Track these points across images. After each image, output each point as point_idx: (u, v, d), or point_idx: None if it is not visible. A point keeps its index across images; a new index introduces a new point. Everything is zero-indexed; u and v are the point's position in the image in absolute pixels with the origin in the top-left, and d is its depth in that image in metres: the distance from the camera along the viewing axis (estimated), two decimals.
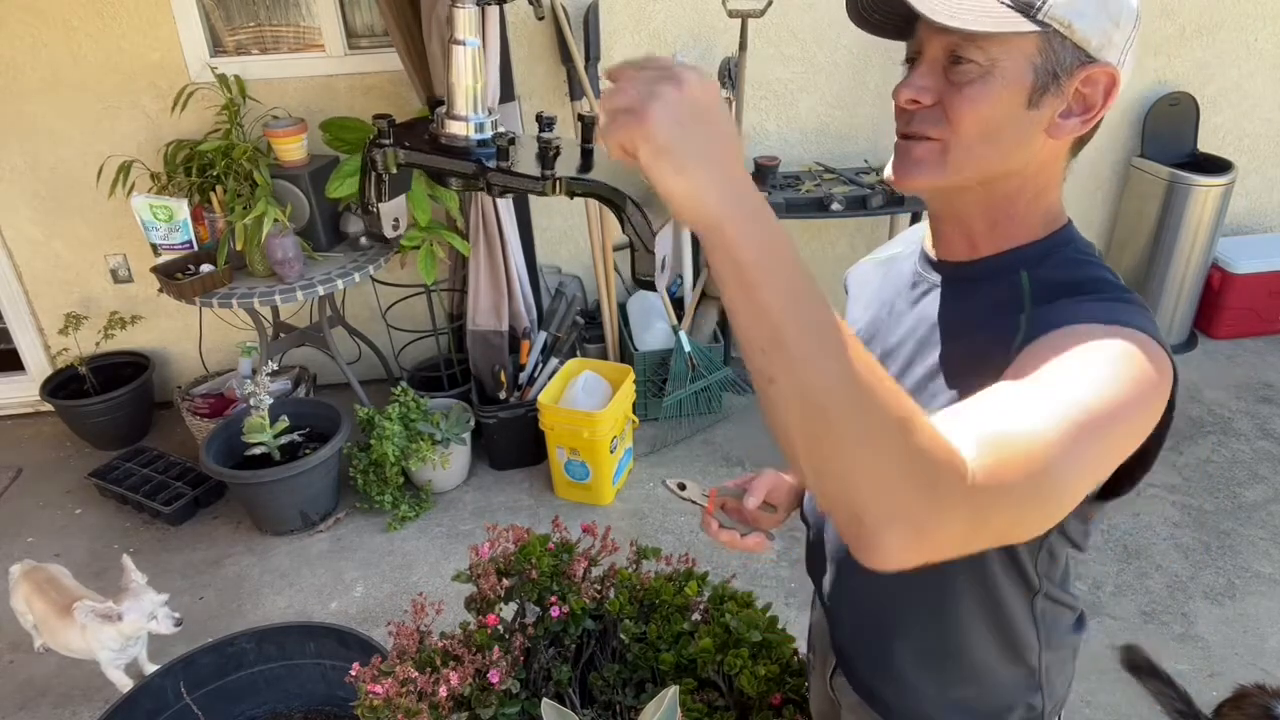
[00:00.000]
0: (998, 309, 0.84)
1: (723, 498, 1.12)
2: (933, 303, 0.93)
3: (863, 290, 1.09)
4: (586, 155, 0.71)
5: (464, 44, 0.71)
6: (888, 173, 0.88)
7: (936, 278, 0.94)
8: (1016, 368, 0.73)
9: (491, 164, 0.70)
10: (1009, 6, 0.75)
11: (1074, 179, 0.92)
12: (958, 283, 0.91)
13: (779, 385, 0.61)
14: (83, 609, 2.17)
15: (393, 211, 3.02)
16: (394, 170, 0.71)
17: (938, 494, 0.59)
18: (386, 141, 0.70)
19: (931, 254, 0.95)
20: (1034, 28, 0.75)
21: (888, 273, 1.05)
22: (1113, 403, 0.68)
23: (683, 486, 1.14)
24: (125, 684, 2.27)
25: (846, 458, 0.59)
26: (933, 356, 0.90)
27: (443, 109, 0.72)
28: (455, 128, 0.71)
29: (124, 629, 2.22)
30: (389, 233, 3.06)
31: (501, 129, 0.72)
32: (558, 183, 0.68)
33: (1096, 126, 0.84)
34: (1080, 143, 0.86)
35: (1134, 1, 0.81)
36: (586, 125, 0.71)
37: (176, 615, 2.24)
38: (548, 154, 0.68)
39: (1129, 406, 0.69)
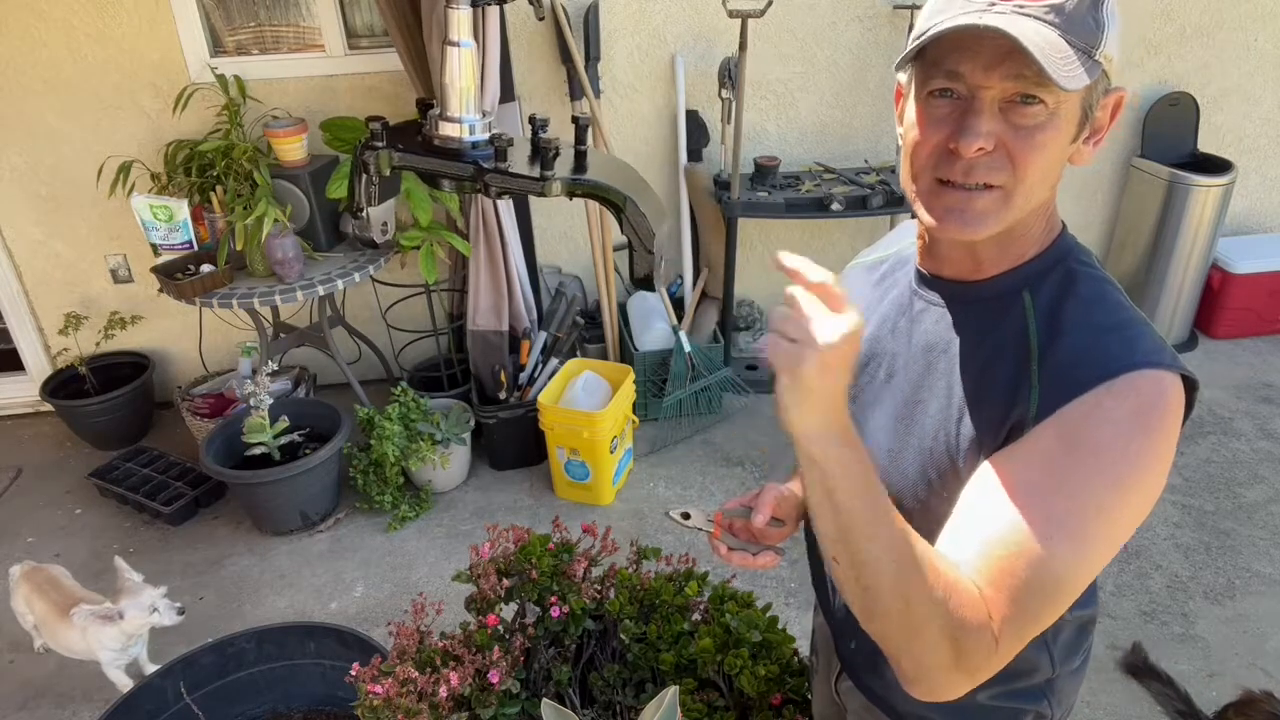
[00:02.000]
0: (1004, 341, 0.84)
1: (729, 519, 1.09)
2: (935, 324, 0.91)
3: (858, 297, 1.06)
4: (580, 157, 0.71)
5: (459, 45, 0.70)
6: (939, 228, 0.83)
7: (936, 297, 0.92)
8: (1033, 464, 0.77)
9: (489, 165, 0.70)
10: (1079, 51, 0.75)
11: (1074, 179, 0.93)
12: (960, 304, 0.90)
13: (841, 567, 0.75)
14: (81, 613, 2.16)
15: (381, 216, 3.00)
16: (386, 173, 0.71)
17: (969, 660, 0.73)
18: (379, 144, 0.70)
19: (929, 269, 0.93)
20: (1099, 70, 0.76)
21: (883, 283, 1.03)
22: (1132, 511, 0.76)
23: (686, 516, 1.11)
24: (126, 684, 2.28)
25: (893, 631, 0.75)
26: (939, 384, 0.89)
27: (435, 111, 0.72)
28: (449, 130, 0.71)
29: (126, 627, 2.22)
30: (378, 237, 3.05)
31: (496, 130, 0.72)
32: (557, 184, 0.68)
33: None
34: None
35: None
36: (580, 127, 0.71)
37: (178, 605, 2.25)
38: (546, 155, 0.68)
39: (1147, 498, 0.77)
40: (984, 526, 0.77)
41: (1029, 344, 0.82)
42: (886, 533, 0.72)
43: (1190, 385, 0.80)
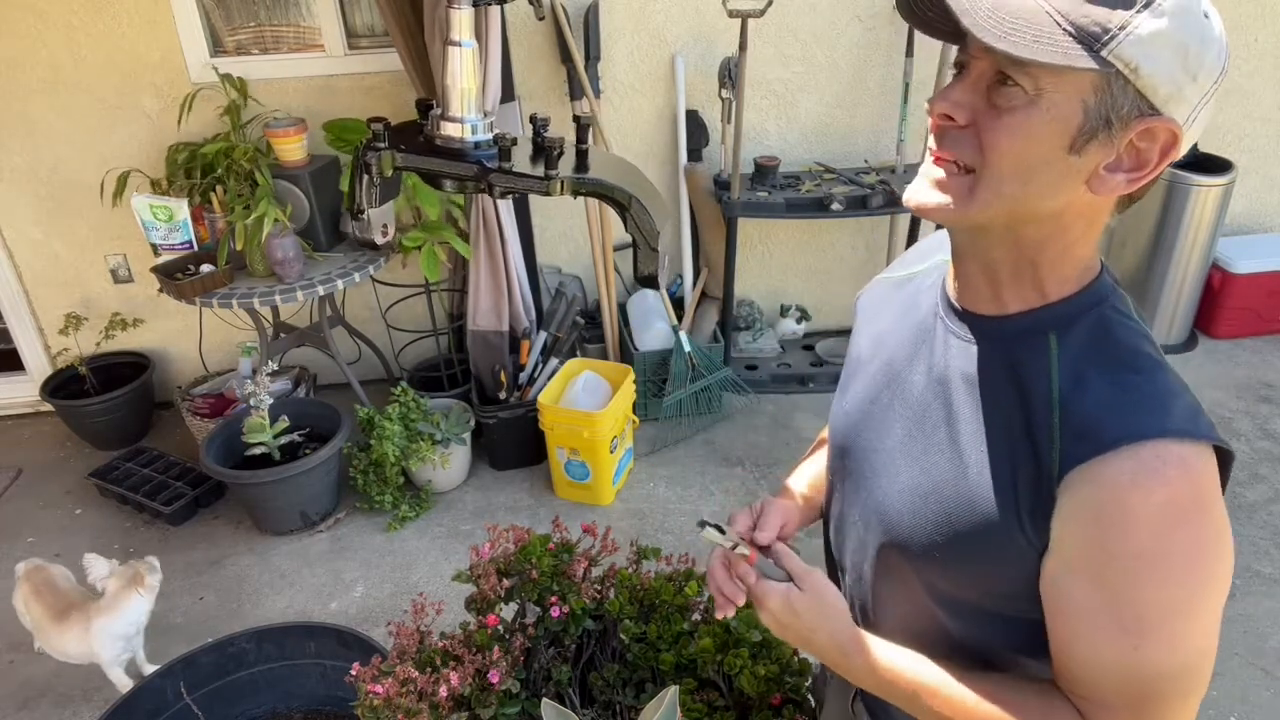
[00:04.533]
0: (1025, 385, 0.78)
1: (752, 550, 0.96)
2: (954, 356, 0.85)
3: (877, 314, 1.01)
4: (582, 155, 0.71)
5: (460, 45, 0.70)
6: (905, 196, 0.80)
7: (959, 328, 0.85)
8: (1085, 585, 0.75)
9: (493, 165, 0.70)
10: (1070, 35, 0.66)
11: None
12: (981, 341, 0.83)
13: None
14: (116, 582, 2.27)
15: (381, 218, 3.01)
16: (389, 174, 0.71)
17: None
18: (382, 145, 0.70)
19: (954, 295, 0.87)
20: (1093, 65, 0.65)
21: (906, 299, 0.97)
22: (1204, 590, 0.74)
23: (721, 530, 0.95)
24: (126, 683, 2.28)
25: None
26: (953, 423, 0.84)
27: (436, 111, 0.71)
28: (451, 130, 0.71)
29: (150, 592, 2.31)
30: (378, 239, 3.05)
31: (498, 130, 0.72)
32: (561, 183, 0.68)
33: (1148, 187, 0.75)
34: (1128, 200, 0.77)
35: (1221, 56, 0.70)
36: (582, 126, 0.71)
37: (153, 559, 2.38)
38: (550, 154, 0.68)
39: (1213, 577, 0.74)
40: (1074, 653, 0.78)
41: (1050, 393, 0.76)
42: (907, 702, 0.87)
43: (1224, 458, 0.74)
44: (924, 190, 0.77)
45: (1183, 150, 0.73)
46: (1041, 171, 0.72)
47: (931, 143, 0.77)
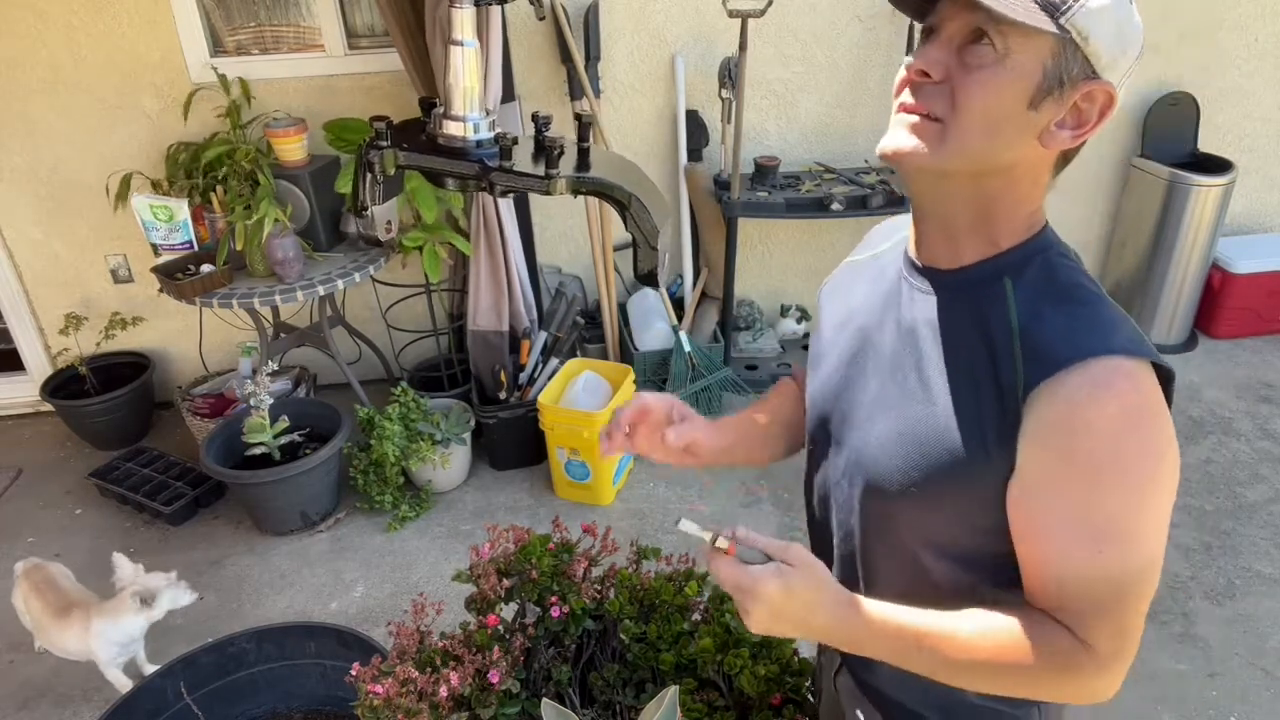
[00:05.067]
0: (987, 323, 0.86)
1: (729, 543, 0.90)
2: (921, 309, 0.93)
3: (847, 293, 1.08)
4: (583, 154, 0.71)
5: (462, 45, 0.70)
6: (880, 146, 0.87)
7: (923, 284, 0.94)
8: (1047, 499, 0.82)
9: (494, 164, 0.70)
10: (1036, 4, 0.77)
11: (1074, 178, 0.92)
12: (944, 290, 0.92)
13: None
14: (129, 594, 2.24)
15: (385, 215, 3.01)
16: (391, 172, 0.71)
17: (1089, 680, 0.86)
18: (384, 143, 0.70)
19: (914, 254, 0.95)
20: (1055, 29, 0.76)
21: (873, 273, 1.04)
22: (1157, 495, 0.81)
23: (700, 527, 0.91)
24: (125, 684, 2.28)
25: (1012, 694, 0.91)
26: (923, 367, 0.91)
27: (439, 110, 0.72)
28: (454, 128, 0.71)
29: (154, 614, 2.27)
30: (382, 236, 3.05)
31: (500, 129, 0.72)
32: (562, 181, 0.68)
33: (1082, 144, 0.85)
34: (1064, 159, 0.87)
35: (1139, 37, 0.83)
36: (583, 125, 0.71)
37: (187, 584, 2.33)
38: (551, 153, 0.68)
39: (1165, 479, 0.81)
40: (1045, 572, 0.85)
41: (1010, 325, 0.85)
42: (944, 658, 0.86)
43: (1165, 376, 0.82)
44: (900, 136, 0.84)
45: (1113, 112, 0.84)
46: (1004, 124, 0.81)
47: (905, 97, 0.85)
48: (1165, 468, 0.81)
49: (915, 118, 0.84)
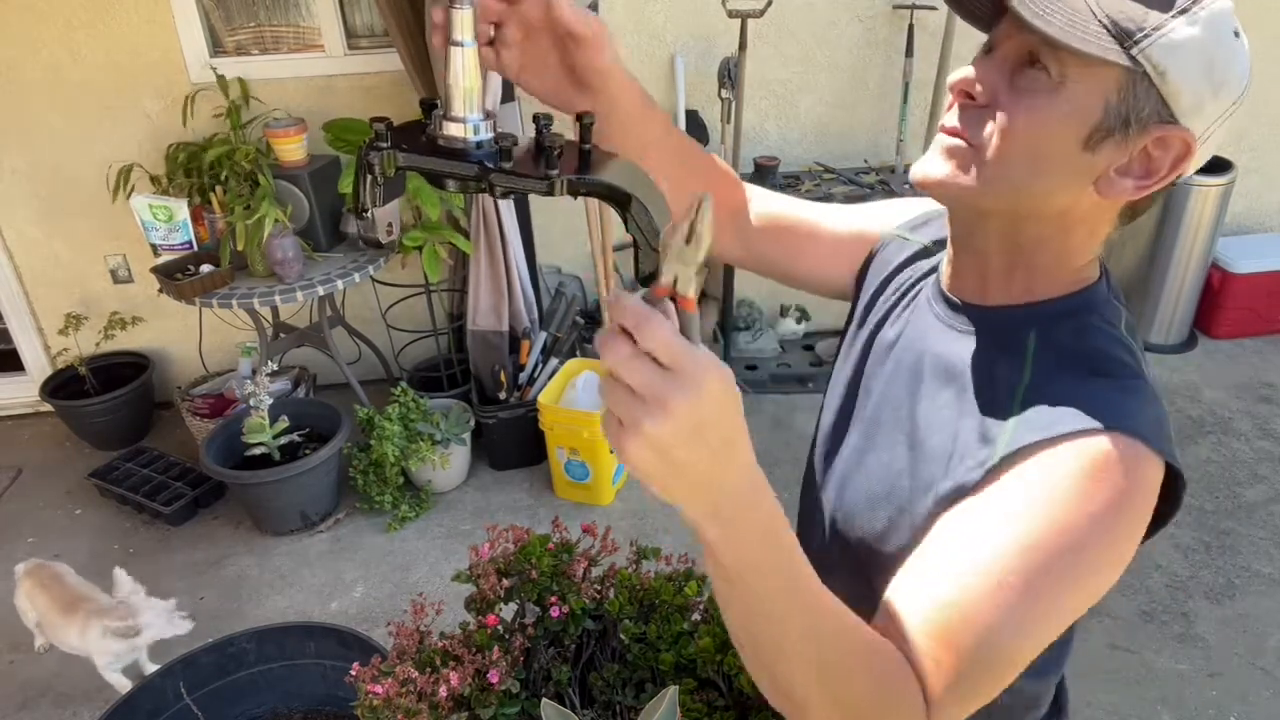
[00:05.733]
0: (992, 371, 0.77)
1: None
2: (933, 336, 0.84)
3: (878, 274, 0.98)
4: (585, 155, 0.71)
5: (462, 45, 0.70)
6: (911, 171, 0.78)
7: (945, 313, 0.84)
8: (991, 522, 0.69)
9: (494, 165, 0.70)
10: (1105, 29, 0.65)
11: None
12: (964, 326, 0.82)
13: (735, 632, 0.66)
14: (95, 629, 2.19)
15: (386, 216, 3.02)
16: (391, 174, 0.71)
17: (895, 710, 0.65)
18: (384, 145, 0.70)
19: (945, 283, 0.86)
20: (1124, 61, 0.65)
21: (903, 280, 0.95)
22: (1087, 580, 0.68)
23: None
24: (124, 685, 2.28)
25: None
26: (916, 400, 0.82)
27: (439, 110, 0.71)
28: (454, 129, 0.71)
29: (139, 642, 2.23)
30: (383, 238, 3.06)
31: (500, 130, 0.72)
32: (562, 183, 0.68)
33: (1150, 198, 0.73)
34: (1133, 211, 0.75)
35: (1244, 78, 0.71)
36: (585, 126, 0.71)
37: (184, 613, 2.27)
38: (552, 154, 0.68)
39: (1105, 573, 0.69)
40: (929, 588, 0.69)
41: (1019, 379, 0.74)
42: (783, 624, 0.63)
43: (1177, 479, 0.71)
44: (934, 162, 0.75)
45: (1193, 166, 0.72)
46: (1052, 162, 0.70)
47: (949, 117, 0.75)
48: (1110, 565, 0.69)
49: (955, 141, 0.74)
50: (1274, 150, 3.88)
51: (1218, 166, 3.56)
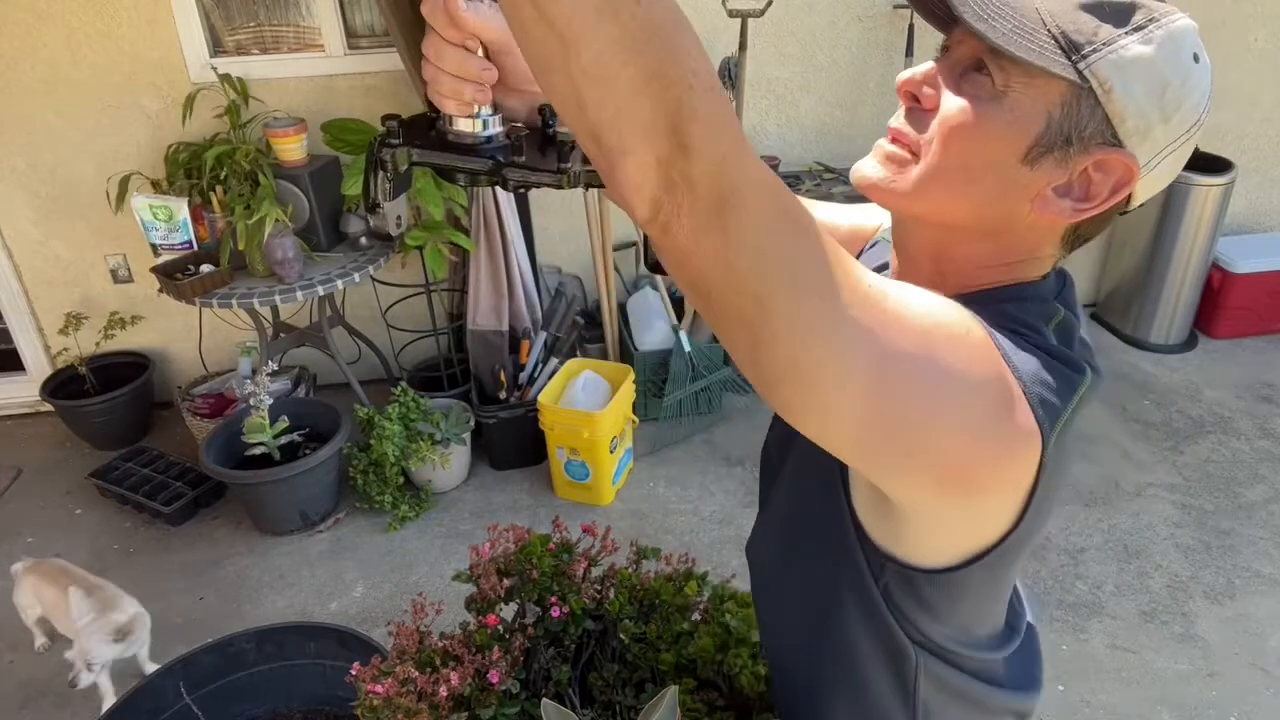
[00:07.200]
0: None
1: None
2: None
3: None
4: None
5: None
6: (852, 171, 0.76)
7: None
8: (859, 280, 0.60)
9: (507, 159, 0.70)
10: (1055, 40, 0.63)
11: None
12: None
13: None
14: (77, 595, 2.19)
15: (395, 209, 3.01)
16: (403, 169, 0.72)
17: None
18: (396, 141, 0.70)
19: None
20: (1069, 74, 0.63)
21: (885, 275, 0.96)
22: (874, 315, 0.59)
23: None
24: (107, 689, 2.28)
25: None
26: None
27: None
28: (464, 125, 0.72)
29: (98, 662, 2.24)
30: (394, 230, 3.05)
31: (510, 124, 0.73)
32: (575, 175, 0.69)
33: (1093, 223, 0.71)
34: (1075, 236, 0.72)
35: (1200, 107, 0.66)
36: None
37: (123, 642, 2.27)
38: (563, 148, 0.68)
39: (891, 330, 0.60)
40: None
41: None
42: None
43: (1043, 435, 0.65)
44: (869, 164, 0.73)
45: (1137, 198, 0.69)
46: (987, 174, 0.67)
47: (892, 121, 0.73)
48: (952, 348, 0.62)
49: (892, 147, 0.72)
50: (1274, 150, 3.88)
51: (1218, 167, 3.57)
